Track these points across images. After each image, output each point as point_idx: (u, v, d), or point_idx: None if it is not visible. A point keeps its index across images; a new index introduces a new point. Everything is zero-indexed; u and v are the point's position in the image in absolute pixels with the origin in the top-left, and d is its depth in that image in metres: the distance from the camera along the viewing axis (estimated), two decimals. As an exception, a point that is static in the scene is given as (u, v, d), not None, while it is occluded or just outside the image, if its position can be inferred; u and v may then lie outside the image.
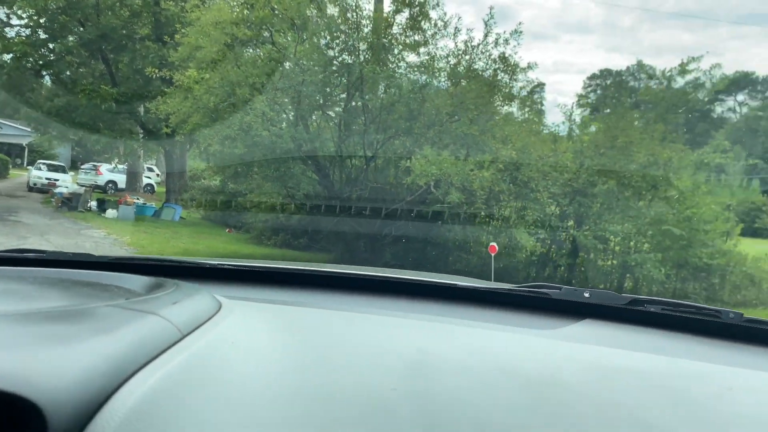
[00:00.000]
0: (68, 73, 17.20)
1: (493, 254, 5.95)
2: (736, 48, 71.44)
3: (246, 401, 0.68)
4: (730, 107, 61.53)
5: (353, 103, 10.75)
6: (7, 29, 16.29)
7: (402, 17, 10.72)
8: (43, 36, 16.07)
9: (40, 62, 16.42)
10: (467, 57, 10.35)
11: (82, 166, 24.64)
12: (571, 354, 1.04)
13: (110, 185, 22.51)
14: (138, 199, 17.63)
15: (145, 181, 24.32)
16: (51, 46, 16.36)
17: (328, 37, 10.59)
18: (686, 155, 9.99)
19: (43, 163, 22.64)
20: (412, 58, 10.97)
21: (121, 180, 22.56)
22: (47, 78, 18.03)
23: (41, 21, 15.59)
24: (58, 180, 20.32)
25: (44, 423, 0.52)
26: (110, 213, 15.03)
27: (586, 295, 1.30)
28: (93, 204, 16.11)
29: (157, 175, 27.03)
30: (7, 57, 15.70)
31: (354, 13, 10.60)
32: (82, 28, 15.24)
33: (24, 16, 15.91)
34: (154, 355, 0.69)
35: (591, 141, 10.01)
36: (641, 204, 10.15)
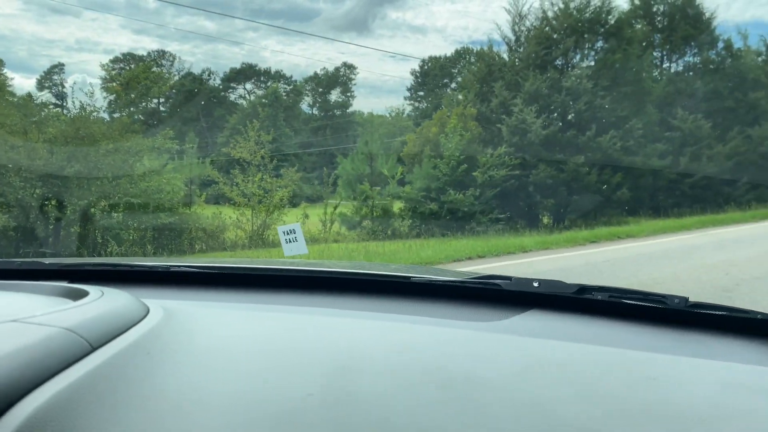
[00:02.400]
0: None
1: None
2: (252, 38, 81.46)
3: (147, 415, 0.67)
4: (241, 94, 71.01)
5: None
6: None
7: None
8: None
9: None
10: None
11: None
12: (503, 348, 1.03)
13: None
14: None
15: None
16: None
17: None
18: (142, 142, 12.91)
19: None
20: None
21: None
22: None
23: None
24: None
25: None
26: None
27: (535, 284, 1.30)
28: None
29: None
30: None
31: None
32: None
33: None
34: (52, 373, 0.67)
35: (59, 132, 11.96)
36: (113, 182, 12.66)
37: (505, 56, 22.38)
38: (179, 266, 1.52)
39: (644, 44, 24.01)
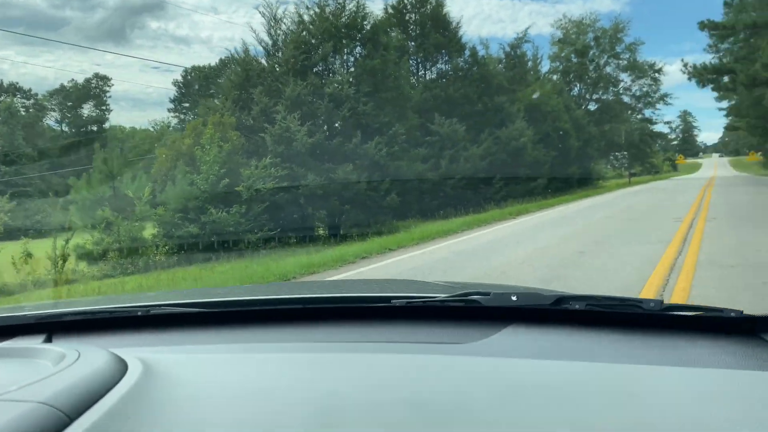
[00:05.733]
0: None
1: None
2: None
3: None
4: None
5: None
6: None
7: None
8: None
9: None
10: None
11: None
12: (484, 372, 1.03)
13: None
14: None
15: None
16: None
17: None
18: None
19: None
20: None
21: None
22: None
23: None
24: None
25: None
26: None
27: (514, 298, 1.29)
28: None
29: None
30: None
31: None
32: None
33: None
34: None
35: None
36: None
37: (264, 61, 20.97)
38: (159, 306, 1.47)
39: (401, 51, 24.42)
